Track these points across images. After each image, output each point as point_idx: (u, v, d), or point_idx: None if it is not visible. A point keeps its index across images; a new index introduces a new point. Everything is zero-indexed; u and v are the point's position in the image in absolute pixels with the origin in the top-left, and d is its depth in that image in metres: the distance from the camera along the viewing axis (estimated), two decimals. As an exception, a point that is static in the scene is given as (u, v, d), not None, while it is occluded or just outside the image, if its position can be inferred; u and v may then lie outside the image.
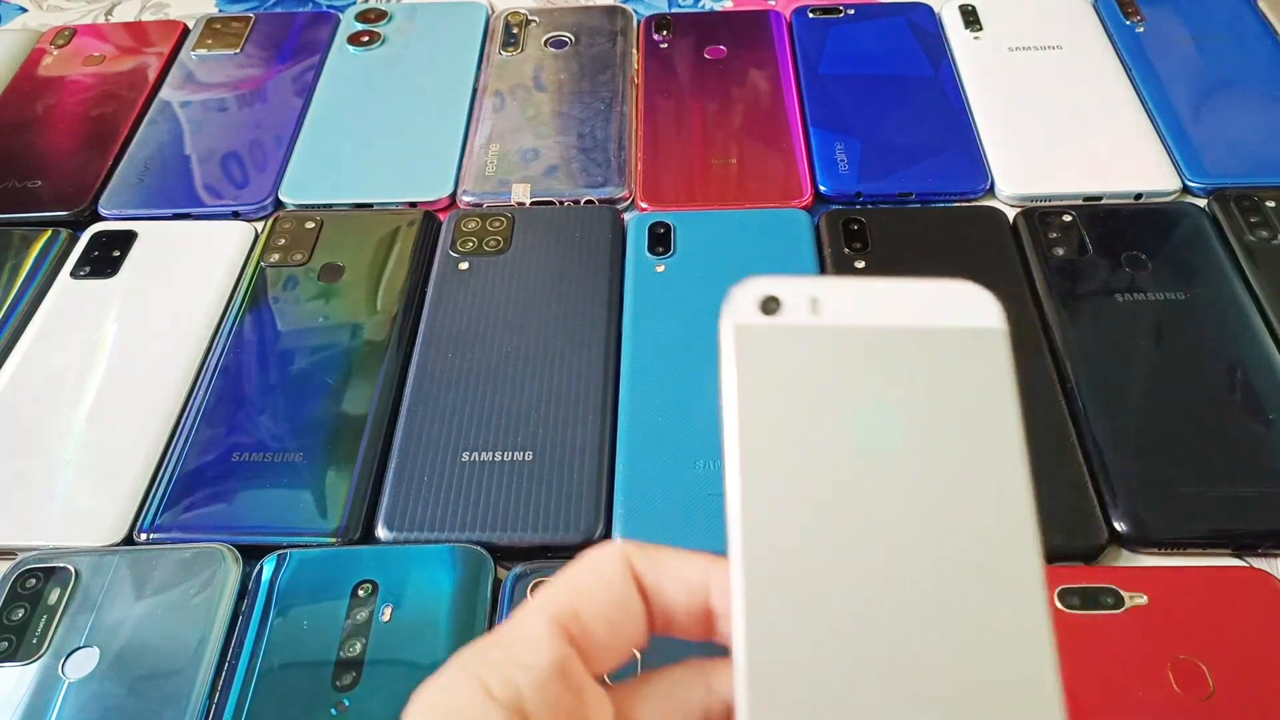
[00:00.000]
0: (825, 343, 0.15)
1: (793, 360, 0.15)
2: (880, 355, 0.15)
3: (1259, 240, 0.33)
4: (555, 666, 0.13)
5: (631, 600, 0.14)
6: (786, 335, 0.15)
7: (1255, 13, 0.42)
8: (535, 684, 0.13)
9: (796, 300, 0.15)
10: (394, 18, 0.44)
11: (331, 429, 0.29)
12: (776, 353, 0.15)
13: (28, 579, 0.26)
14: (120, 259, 0.35)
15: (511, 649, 0.13)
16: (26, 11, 0.47)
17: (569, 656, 0.13)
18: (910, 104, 0.38)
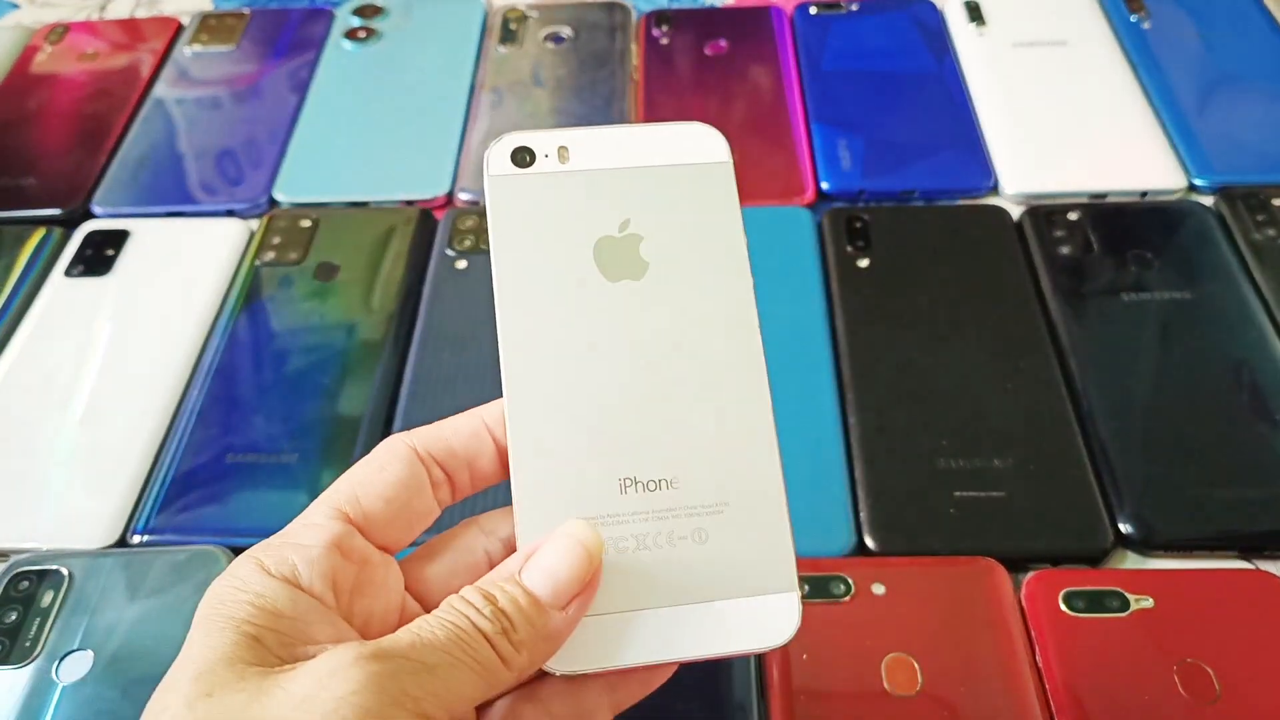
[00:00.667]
0: (572, 184, 0.17)
1: (545, 202, 0.17)
2: (621, 190, 0.17)
3: (1265, 239, 0.33)
4: (330, 543, 0.15)
5: (412, 476, 0.16)
6: (539, 181, 0.17)
7: (1261, 9, 0.41)
8: (309, 559, 0.15)
9: (546, 150, 0.17)
10: (390, 13, 0.43)
11: (327, 430, 0.29)
12: (530, 197, 0.17)
13: (20, 581, 0.26)
14: (114, 257, 0.34)
15: (289, 535, 0.15)
16: (20, 8, 0.47)
17: (346, 533, 0.15)
18: (914, 100, 0.38)
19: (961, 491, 0.26)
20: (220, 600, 0.14)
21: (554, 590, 0.15)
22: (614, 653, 0.15)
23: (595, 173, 0.17)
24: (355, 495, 0.16)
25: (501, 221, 0.17)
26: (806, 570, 0.25)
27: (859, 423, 0.28)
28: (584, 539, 0.15)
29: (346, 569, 0.15)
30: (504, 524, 0.17)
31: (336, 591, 0.15)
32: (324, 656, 0.13)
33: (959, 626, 0.23)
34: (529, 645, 0.14)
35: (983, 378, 0.29)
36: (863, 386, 0.29)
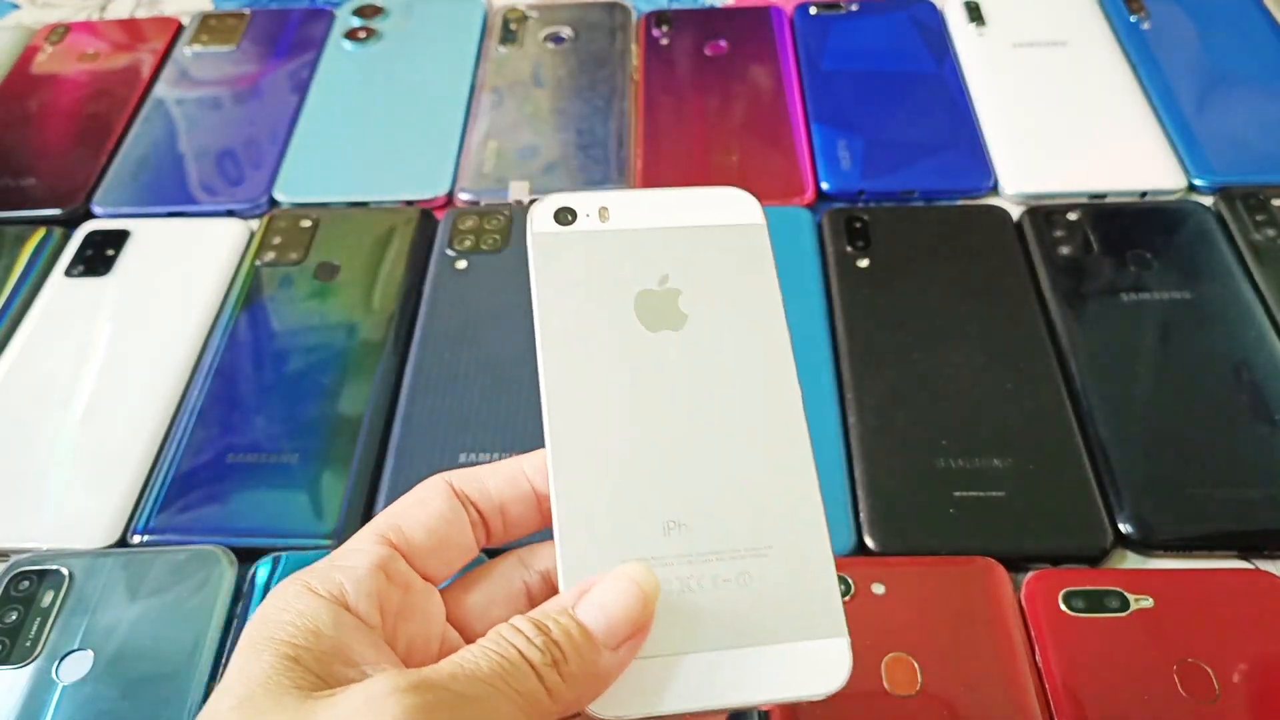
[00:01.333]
0: (613, 241, 0.18)
1: (586, 257, 0.17)
2: (659, 247, 0.18)
3: (1265, 239, 0.33)
4: (375, 565, 0.15)
5: (452, 511, 0.17)
6: (580, 238, 0.18)
7: (1261, 10, 0.41)
8: (355, 579, 0.15)
9: (588, 210, 0.18)
10: (391, 13, 0.43)
11: (327, 430, 0.29)
12: (572, 253, 0.17)
13: (21, 581, 0.26)
14: (114, 257, 0.34)
15: (335, 558, 0.16)
16: (20, 8, 0.47)
17: (390, 557, 0.16)
18: (913, 101, 0.38)
19: (961, 491, 0.26)
20: (264, 621, 0.15)
21: (608, 628, 0.15)
22: (659, 698, 0.15)
23: (634, 231, 0.18)
24: (398, 524, 0.16)
25: (544, 276, 0.17)
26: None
27: (859, 422, 0.28)
28: (641, 581, 0.15)
29: (391, 592, 0.15)
30: (543, 558, 0.17)
31: (382, 614, 0.15)
32: (362, 685, 0.13)
33: (959, 626, 0.24)
34: (578, 681, 0.14)
35: (982, 378, 0.29)
36: (862, 386, 0.29)
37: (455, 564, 0.17)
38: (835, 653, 0.15)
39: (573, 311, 0.17)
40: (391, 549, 0.16)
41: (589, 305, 0.17)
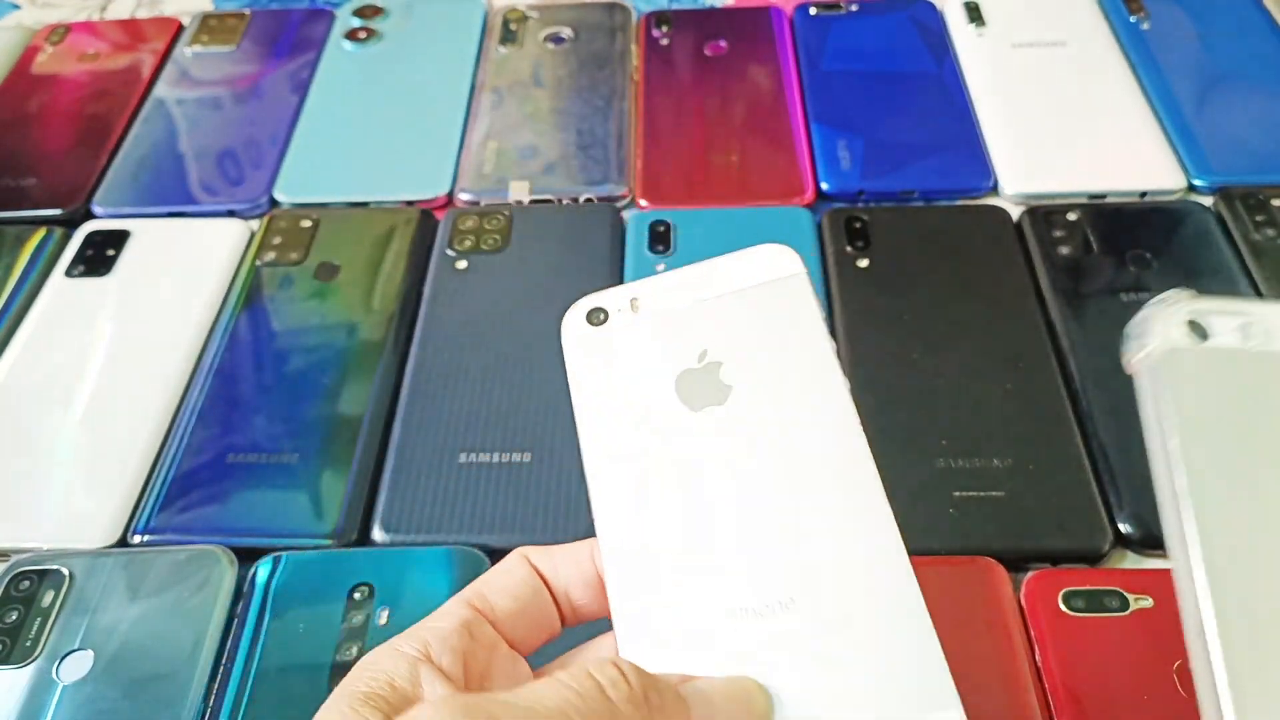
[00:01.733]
0: (647, 329, 0.17)
1: (622, 350, 0.17)
2: (695, 324, 0.17)
3: (1264, 239, 0.33)
4: (461, 626, 0.16)
5: (532, 582, 0.17)
6: (614, 334, 0.17)
7: (1260, 10, 0.41)
8: (440, 637, 0.15)
9: (619, 306, 0.17)
10: (391, 14, 0.43)
11: (327, 430, 0.29)
12: (608, 349, 0.17)
13: (21, 581, 0.26)
14: (114, 258, 0.34)
15: (423, 622, 0.16)
16: (20, 9, 0.47)
17: (475, 619, 0.16)
18: (913, 101, 0.38)
19: (961, 491, 0.26)
20: (347, 679, 0.15)
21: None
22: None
23: (668, 313, 0.17)
24: (482, 590, 0.16)
25: (581, 375, 0.17)
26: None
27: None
28: (755, 701, 0.14)
29: (477, 653, 0.16)
30: None
31: (467, 673, 0.15)
32: (424, 704, 0.13)
33: (958, 626, 0.23)
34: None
35: (982, 378, 0.29)
36: (861, 386, 0.29)
37: (540, 633, 0.17)
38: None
39: (613, 410, 0.16)
40: (476, 612, 0.16)
41: (629, 399, 0.16)
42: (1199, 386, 0.14)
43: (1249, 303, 0.15)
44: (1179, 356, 0.15)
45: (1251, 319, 0.15)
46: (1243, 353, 0.15)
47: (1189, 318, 0.15)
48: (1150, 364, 0.15)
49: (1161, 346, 0.15)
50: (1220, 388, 0.14)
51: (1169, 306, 0.15)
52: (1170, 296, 0.15)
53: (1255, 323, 0.15)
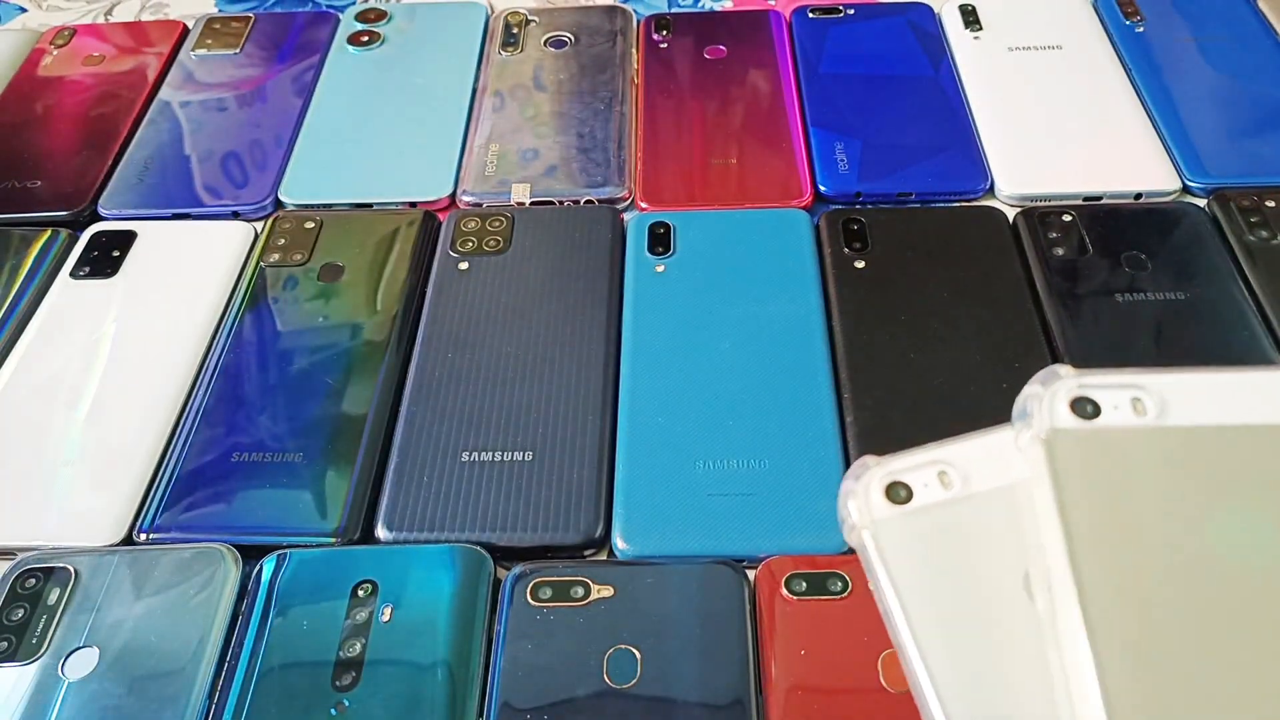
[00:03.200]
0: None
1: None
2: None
3: (1259, 240, 0.33)
4: None
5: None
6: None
7: (1255, 13, 0.42)
8: None
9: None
10: (394, 18, 0.44)
11: (331, 429, 0.29)
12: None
13: (27, 579, 0.26)
14: (120, 259, 0.35)
15: None
16: (26, 11, 0.47)
17: None
18: (910, 104, 0.38)
19: (958, 490, 0.27)
20: None
21: None
22: None
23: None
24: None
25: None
26: (805, 568, 0.25)
27: (856, 422, 0.28)
28: None
29: None
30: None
31: None
32: None
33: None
34: None
35: (978, 378, 0.29)
36: (859, 386, 0.29)
37: None
38: None
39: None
40: None
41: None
42: (909, 551, 0.14)
43: (936, 449, 0.14)
44: (884, 529, 0.14)
45: (944, 465, 0.14)
46: (950, 502, 0.14)
47: (887, 483, 0.14)
48: (860, 541, 0.14)
49: (868, 522, 0.14)
50: (935, 549, 0.14)
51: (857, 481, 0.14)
52: None
53: (949, 467, 0.14)
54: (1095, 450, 0.13)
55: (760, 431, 0.28)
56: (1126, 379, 0.13)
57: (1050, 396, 0.14)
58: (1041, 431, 0.14)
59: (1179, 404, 0.13)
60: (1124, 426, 0.13)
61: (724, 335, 0.31)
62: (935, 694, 0.13)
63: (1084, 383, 0.14)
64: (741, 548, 0.26)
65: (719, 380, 0.29)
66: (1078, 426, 0.13)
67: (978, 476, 0.14)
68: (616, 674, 0.23)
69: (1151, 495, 0.13)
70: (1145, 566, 0.12)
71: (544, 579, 0.25)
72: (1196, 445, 0.13)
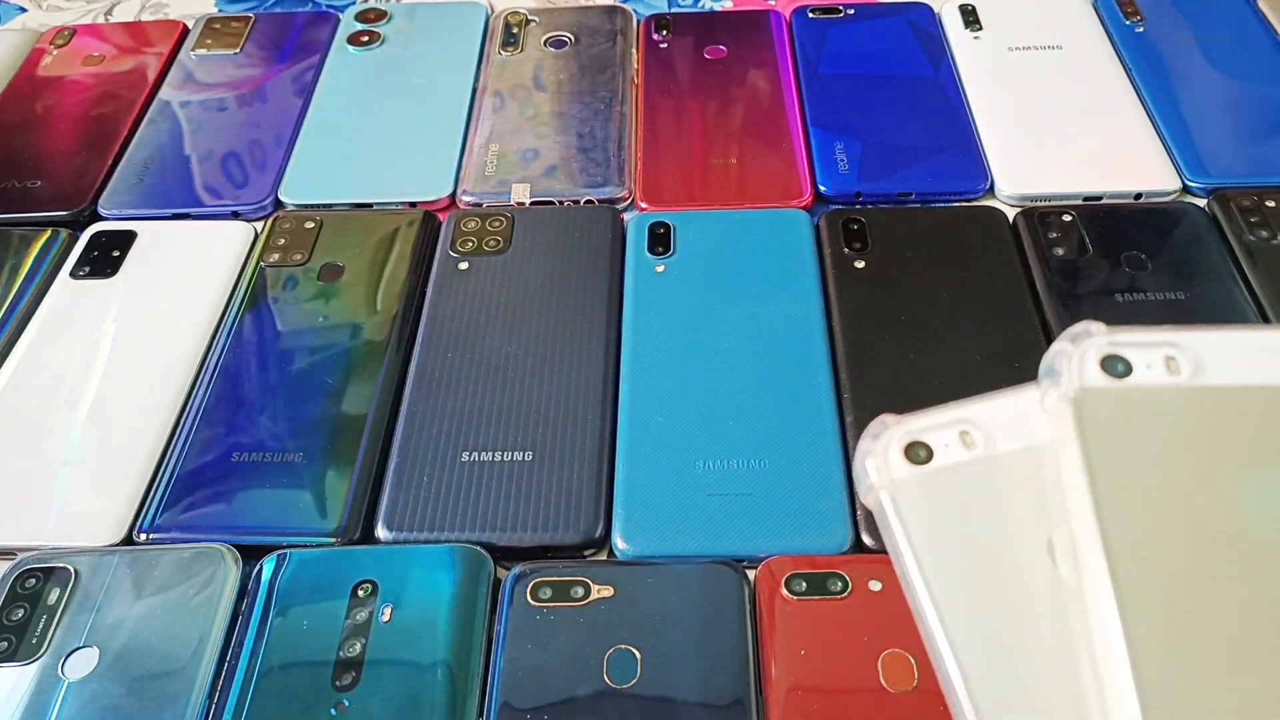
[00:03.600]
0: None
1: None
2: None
3: (1259, 240, 0.33)
4: None
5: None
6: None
7: (1255, 12, 0.42)
8: None
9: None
10: (394, 18, 0.44)
11: (331, 429, 0.29)
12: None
13: (27, 579, 0.26)
14: (120, 259, 0.35)
15: None
16: (26, 11, 0.47)
17: None
18: (910, 104, 0.38)
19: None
20: None
21: None
22: None
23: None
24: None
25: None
26: (805, 568, 0.25)
27: (856, 421, 0.28)
28: None
29: None
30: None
31: None
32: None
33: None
34: None
35: (979, 378, 0.29)
36: (859, 386, 0.29)
37: None
38: None
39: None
40: None
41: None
42: (928, 513, 0.13)
43: (974, 405, 0.13)
44: (901, 488, 0.13)
45: (970, 426, 0.13)
46: (970, 463, 0.13)
47: (906, 442, 0.14)
48: (877, 502, 0.13)
49: (880, 483, 0.13)
50: (946, 505, 0.13)
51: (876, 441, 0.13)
52: None
53: (973, 430, 0.13)
54: (1126, 410, 0.12)
55: (760, 431, 0.28)
56: (1161, 336, 0.13)
57: (1080, 354, 0.13)
58: (1070, 390, 0.13)
59: (1215, 363, 0.12)
60: (1157, 385, 0.12)
61: (724, 335, 0.31)
62: (955, 659, 0.12)
63: (1116, 340, 0.13)
64: (741, 548, 0.26)
65: (719, 380, 0.29)
66: (1108, 385, 0.13)
67: (1001, 437, 0.13)
68: (616, 674, 0.23)
69: (1185, 459, 0.12)
70: (1176, 534, 0.12)
71: (544, 579, 0.25)
72: (1233, 406, 0.12)
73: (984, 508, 0.13)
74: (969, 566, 0.13)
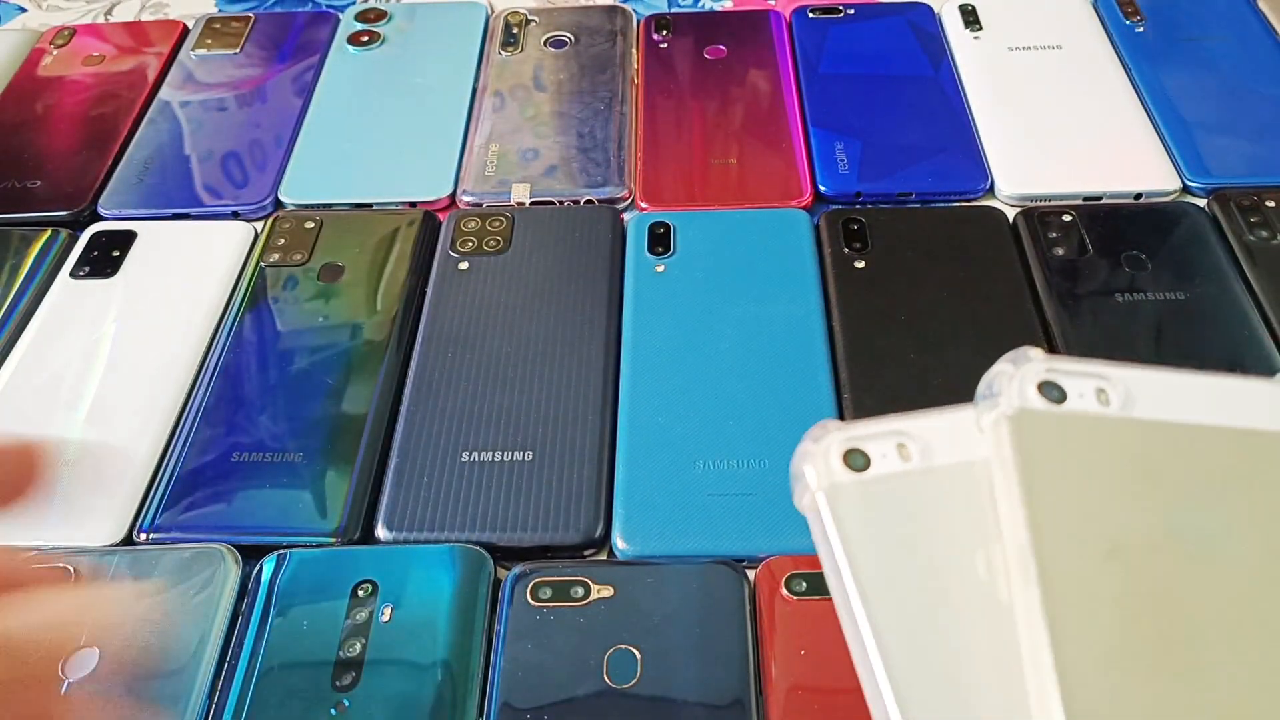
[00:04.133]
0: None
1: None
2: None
3: (1259, 240, 0.33)
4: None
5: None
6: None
7: (1255, 12, 0.42)
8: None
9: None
10: (394, 17, 0.44)
11: (331, 429, 0.29)
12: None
13: (27, 579, 0.26)
14: (120, 259, 0.35)
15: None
16: (26, 11, 0.47)
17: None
18: (910, 104, 0.38)
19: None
20: None
21: None
22: None
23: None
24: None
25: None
26: (805, 568, 0.25)
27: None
28: None
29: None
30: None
31: None
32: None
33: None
34: None
35: (979, 377, 0.29)
36: (859, 386, 0.29)
37: None
38: None
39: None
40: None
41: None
42: (863, 518, 0.13)
43: (899, 420, 0.14)
44: (838, 492, 0.13)
45: (907, 439, 0.13)
46: (907, 474, 0.13)
47: (845, 449, 0.14)
48: (813, 504, 0.13)
49: (818, 486, 0.13)
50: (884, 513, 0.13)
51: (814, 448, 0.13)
52: None
53: (910, 442, 0.13)
54: (1061, 434, 0.13)
55: (760, 431, 0.28)
56: (1093, 368, 0.13)
57: (1021, 376, 0.13)
58: (1009, 409, 0.13)
59: (1142, 398, 0.13)
60: (1089, 413, 0.13)
61: (724, 335, 0.31)
62: (884, 667, 0.12)
63: (1053, 367, 0.13)
64: (741, 548, 0.26)
65: (719, 380, 0.29)
66: (1045, 409, 0.13)
67: (939, 451, 0.14)
68: (616, 674, 0.23)
69: (1113, 484, 0.13)
70: (1105, 556, 0.12)
71: (544, 579, 0.25)
72: (1157, 439, 0.13)
73: (918, 518, 0.13)
74: (901, 574, 0.13)
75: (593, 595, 0.24)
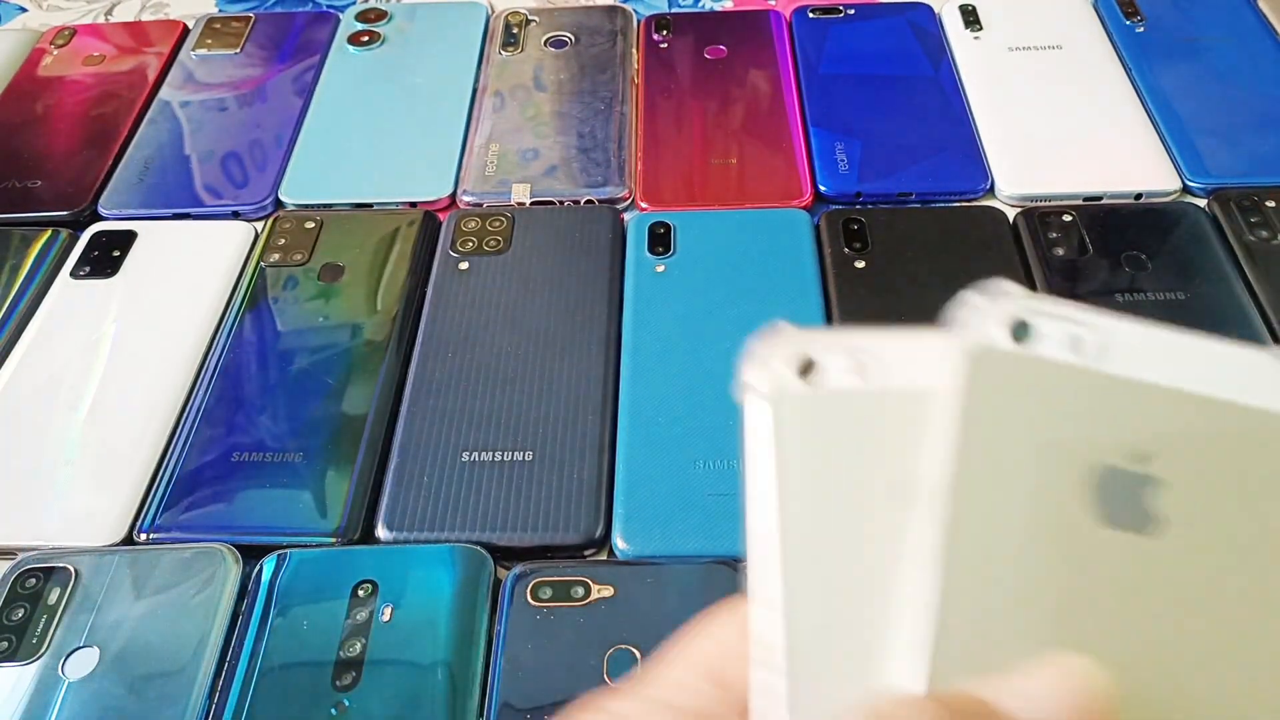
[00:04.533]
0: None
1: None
2: None
3: (1259, 240, 0.33)
4: None
5: None
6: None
7: (1255, 12, 0.42)
8: None
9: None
10: (394, 18, 0.44)
11: (331, 429, 0.29)
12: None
13: (28, 579, 0.26)
14: (120, 259, 0.35)
15: None
16: (26, 11, 0.47)
17: None
18: (910, 104, 0.38)
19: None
20: None
21: None
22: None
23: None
24: None
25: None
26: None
27: (856, 422, 0.28)
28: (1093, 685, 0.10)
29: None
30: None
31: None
32: None
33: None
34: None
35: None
36: (860, 386, 0.29)
37: None
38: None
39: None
40: None
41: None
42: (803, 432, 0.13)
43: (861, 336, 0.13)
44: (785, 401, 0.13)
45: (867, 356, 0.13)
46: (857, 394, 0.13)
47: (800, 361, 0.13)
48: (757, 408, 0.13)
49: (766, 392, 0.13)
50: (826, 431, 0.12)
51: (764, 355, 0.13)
52: None
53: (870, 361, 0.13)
54: (1019, 377, 0.12)
55: (760, 431, 0.28)
56: (1073, 313, 0.12)
57: (990, 311, 0.13)
58: (969, 344, 0.12)
59: (1120, 352, 0.12)
60: (1055, 360, 0.12)
61: (724, 335, 0.31)
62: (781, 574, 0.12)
63: (1029, 306, 0.12)
64: (741, 548, 0.26)
65: (719, 380, 0.29)
66: (1009, 349, 0.12)
67: (898, 374, 0.13)
68: (617, 674, 0.23)
69: (1057, 440, 0.12)
70: (1024, 505, 0.11)
71: (544, 579, 0.25)
72: (1120, 396, 0.12)
73: (859, 440, 0.13)
74: (826, 491, 0.13)
75: (593, 595, 0.24)
